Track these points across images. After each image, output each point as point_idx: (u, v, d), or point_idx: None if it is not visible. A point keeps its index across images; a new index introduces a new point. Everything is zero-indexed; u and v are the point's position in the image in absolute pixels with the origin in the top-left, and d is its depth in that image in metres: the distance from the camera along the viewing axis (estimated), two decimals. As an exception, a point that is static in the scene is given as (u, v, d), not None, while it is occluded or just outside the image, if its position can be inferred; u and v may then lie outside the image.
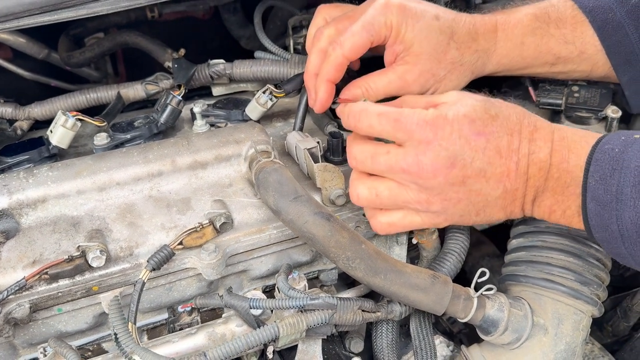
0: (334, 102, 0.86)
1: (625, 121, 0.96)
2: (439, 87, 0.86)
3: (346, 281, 1.00)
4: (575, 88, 0.94)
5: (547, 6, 0.89)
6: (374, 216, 0.81)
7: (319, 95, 0.85)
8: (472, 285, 0.78)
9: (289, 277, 0.80)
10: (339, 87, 0.86)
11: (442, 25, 0.83)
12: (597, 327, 1.14)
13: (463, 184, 0.72)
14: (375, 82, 0.84)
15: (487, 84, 0.93)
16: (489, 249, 1.22)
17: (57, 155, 0.92)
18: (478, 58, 0.87)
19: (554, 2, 0.89)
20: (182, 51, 1.10)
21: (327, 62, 0.82)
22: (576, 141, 0.71)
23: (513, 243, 0.88)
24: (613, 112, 0.91)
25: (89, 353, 0.83)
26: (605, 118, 0.92)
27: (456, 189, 0.72)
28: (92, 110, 0.99)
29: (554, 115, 0.97)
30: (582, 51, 0.88)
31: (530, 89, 0.97)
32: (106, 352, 0.83)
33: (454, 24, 0.84)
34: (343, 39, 0.81)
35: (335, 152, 0.92)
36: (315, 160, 0.85)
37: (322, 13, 0.92)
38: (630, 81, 0.88)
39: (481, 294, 0.77)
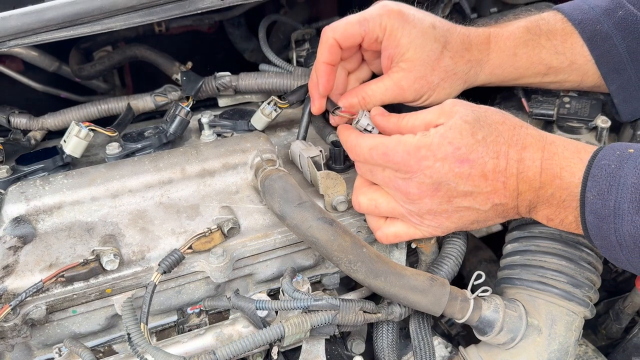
0: (333, 112, 0.91)
1: (615, 130, 1.00)
2: (432, 94, 0.89)
3: (347, 285, 1.03)
4: (567, 99, 0.98)
5: (538, 19, 0.93)
6: (379, 228, 0.85)
7: (319, 79, 0.88)
8: (469, 287, 0.81)
9: (293, 280, 0.84)
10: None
11: (437, 34, 0.86)
12: (592, 330, 1.16)
13: (450, 202, 0.76)
14: (373, 89, 0.88)
15: (481, 95, 0.96)
16: (486, 254, 1.25)
17: (70, 164, 0.96)
18: (471, 68, 0.90)
19: (545, 15, 0.93)
20: (190, 64, 1.14)
21: (321, 45, 0.87)
22: (568, 157, 0.73)
23: (508, 248, 0.91)
24: (603, 122, 0.94)
25: (100, 354, 0.86)
26: (595, 128, 0.95)
27: (445, 206, 0.77)
28: (102, 121, 1.03)
29: (547, 125, 1.00)
30: (573, 61, 0.91)
31: (523, 100, 1.01)
32: (117, 353, 0.85)
33: (448, 34, 0.88)
34: (337, 23, 0.86)
35: (337, 160, 0.95)
36: (318, 168, 0.88)
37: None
38: (618, 89, 0.92)
39: (477, 295, 0.80)
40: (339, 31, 0.86)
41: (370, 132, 0.84)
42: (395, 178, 0.77)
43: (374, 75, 0.95)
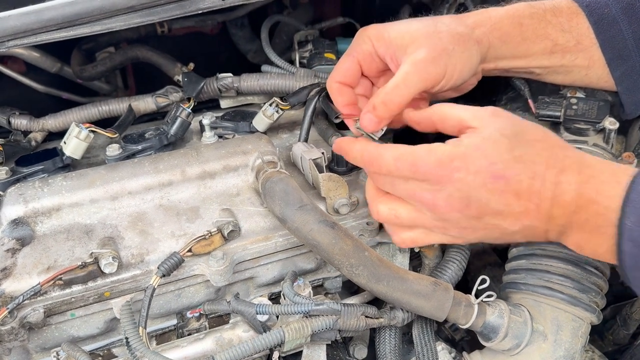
0: (336, 117, 0.90)
1: (623, 132, 0.98)
2: (453, 62, 0.81)
3: (350, 290, 1.02)
4: (574, 100, 0.96)
5: None
6: (396, 233, 0.82)
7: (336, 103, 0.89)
8: (473, 292, 0.80)
9: (295, 284, 0.83)
10: None
11: (421, 19, 0.86)
12: (598, 335, 1.15)
13: (479, 219, 0.72)
14: (389, 88, 0.79)
15: (489, 88, 0.92)
16: (491, 258, 1.24)
17: (71, 165, 0.95)
18: (474, 28, 0.85)
19: None
20: (192, 65, 1.14)
21: (330, 94, 0.90)
22: (605, 182, 0.68)
23: (513, 251, 0.90)
24: (610, 123, 0.93)
25: (99, 358, 0.85)
26: (603, 130, 0.94)
27: (473, 222, 0.73)
28: (103, 122, 1.02)
29: (553, 126, 0.99)
30: (579, 41, 0.88)
31: (530, 101, 0.99)
32: (116, 357, 0.85)
33: (434, 17, 0.86)
34: (332, 72, 0.88)
35: (339, 162, 0.94)
36: (320, 171, 0.87)
37: None
38: (622, 76, 0.90)
39: (481, 300, 0.79)
40: (334, 74, 0.88)
41: (374, 137, 0.81)
42: (422, 190, 0.72)
43: None
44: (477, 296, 0.79)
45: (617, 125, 0.92)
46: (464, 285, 0.89)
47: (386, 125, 0.83)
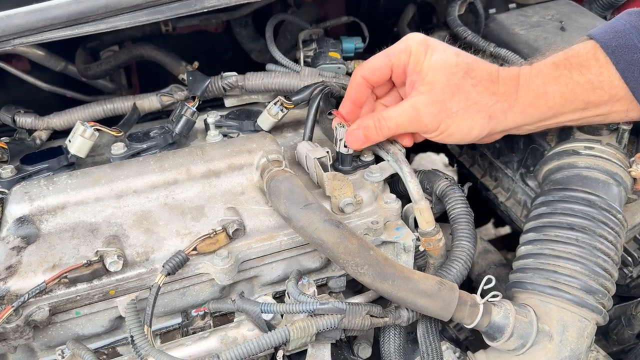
0: (329, 113, 0.93)
1: (636, 133, 0.98)
2: (450, 123, 0.85)
3: (354, 289, 1.02)
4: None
5: (567, 52, 0.85)
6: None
7: (342, 115, 0.92)
8: (479, 292, 0.80)
9: (299, 283, 0.82)
10: None
11: (459, 60, 0.85)
12: (602, 335, 1.14)
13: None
14: (389, 112, 0.87)
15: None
16: (495, 257, 1.24)
17: (75, 164, 0.95)
18: (496, 102, 0.85)
19: (575, 47, 0.85)
20: (196, 64, 1.14)
21: (349, 83, 0.91)
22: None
23: (522, 250, 0.89)
24: (625, 123, 0.92)
25: (104, 357, 0.85)
26: (616, 129, 0.93)
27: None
28: (108, 121, 1.02)
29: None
30: (613, 95, 0.83)
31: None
32: (120, 355, 0.85)
33: (473, 63, 0.85)
34: (364, 62, 0.89)
35: (344, 161, 0.94)
36: (325, 169, 0.87)
37: None
38: None
39: (487, 300, 0.79)
40: (365, 67, 0.89)
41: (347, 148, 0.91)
42: None
43: None
44: (482, 296, 0.79)
45: (631, 125, 0.92)
46: (468, 284, 0.89)
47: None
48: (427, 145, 1.65)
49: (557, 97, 0.84)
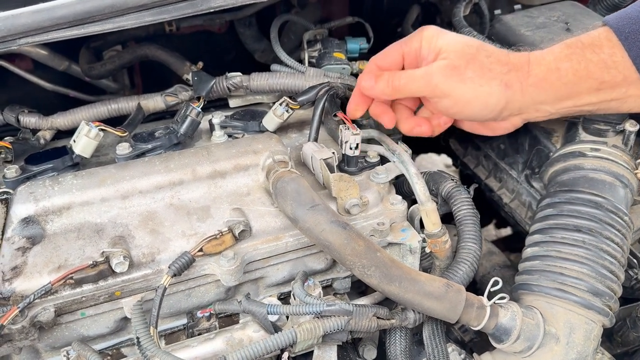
0: (334, 115, 0.95)
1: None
2: (465, 90, 0.85)
3: (358, 290, 1.02)
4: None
5: (579, 35, 0.85)
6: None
7: (350, 103, 0.95)
8: (485, 294, 0.80)
9: (305, 284, 0.82)
10: None
11: (472, 40, 0.89)
12: (607, 337, 1.14)
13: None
14: (402, 76, 0.89)
15: None
16: (499, 259, 1.23)
17: (80, 164, 0.95)
18: (509, 70, 0.86)
19: (588, 32, 0.85)
20: (201, 64, 1.13)
21: (362, 74, 0.94)
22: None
23: (528, 252, 0.89)
24: (631, 125, 0.91)
25: (108, 358, 0.85)
26: (623, 131, 0.93)
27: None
28: (112, 121, 1.02)
29: (571, 125, 0.98)
30: (626, 76, 0.81)
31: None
32: (125, 356, 0.85)
33: (485, 43, 0.89)
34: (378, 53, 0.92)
35: (349, 162, 0.94)
36: (331, 170, 0.87)
37: None
38: None
39: (494, 302, 0.79)
40: (378, 56, 0.93)
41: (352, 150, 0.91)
42: None
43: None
44: (489, 298, 0.79)
45: (637, 127, 0.92)
46: (472, 286, 0.89)
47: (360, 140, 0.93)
48: (428, 146, 1.66)
49: (570, 74, 0.84)
